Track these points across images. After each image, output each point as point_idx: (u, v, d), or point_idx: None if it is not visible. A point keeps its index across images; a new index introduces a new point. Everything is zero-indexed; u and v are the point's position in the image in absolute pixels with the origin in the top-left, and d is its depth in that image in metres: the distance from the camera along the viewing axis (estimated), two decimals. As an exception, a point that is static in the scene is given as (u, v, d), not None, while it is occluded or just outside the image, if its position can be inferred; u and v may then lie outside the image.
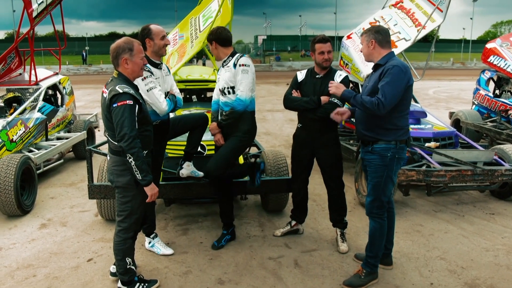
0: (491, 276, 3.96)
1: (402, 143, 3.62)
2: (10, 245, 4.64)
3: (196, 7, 7.33)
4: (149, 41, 3.94)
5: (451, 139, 6.40)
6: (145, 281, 3.72)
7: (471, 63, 49.65)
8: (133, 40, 3.37)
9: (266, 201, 5.39)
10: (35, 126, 6.91)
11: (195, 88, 6.59)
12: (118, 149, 3.29)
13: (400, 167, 3.75)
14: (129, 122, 3.15)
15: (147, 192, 3.34)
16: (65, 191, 6.48)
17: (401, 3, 7.24)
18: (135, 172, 3.22)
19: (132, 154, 3.16)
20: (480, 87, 9.94)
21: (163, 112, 3.92)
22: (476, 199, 6.05)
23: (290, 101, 4.38)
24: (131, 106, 3.17)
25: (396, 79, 3.43)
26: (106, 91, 3.25)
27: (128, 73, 3.35)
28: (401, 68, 3.47)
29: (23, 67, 8.20)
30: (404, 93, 3.49)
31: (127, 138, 3.14)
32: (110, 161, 3.45)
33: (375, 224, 3.77)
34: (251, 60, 4.31)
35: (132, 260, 3.59)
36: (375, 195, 3.71)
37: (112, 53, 3.30)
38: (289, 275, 3.99)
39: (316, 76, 4.33)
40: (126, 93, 3.18)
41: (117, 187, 3.44)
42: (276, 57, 54.47)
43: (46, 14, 7.35)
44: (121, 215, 3.47)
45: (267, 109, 15.44)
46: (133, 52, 3.31)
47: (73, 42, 59.80)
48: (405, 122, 3.64)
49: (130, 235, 3.53)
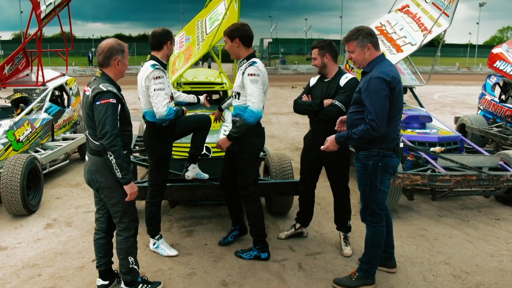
0: (495, 282, 3.95)
1: (389, 150, 3.53)
2: (15, 244, 4.67)
3: (202, 10, 7.36)
4: (170, 44, 4.08)
5: (456, 144, 6.39)
6: (149, 283, 3.71)
7: (477, 68, 49.49)
8: (122, 42, 3.40)
9: (270, 204, 5.40)
10: (41, 126, 6.96)
11: (201, 90, 6.62)
12: (98, 149, 3.27)
13: (388, 175, 3.61)
14: (111, 120, 3.15)
15: (127, 191, 3.31)
16: (70, 191, 6.52)
17: (407, 8, 7.23)
18: (115, 170, 3.20)
19: (113, 152, 3.15)
20: (486, 92, 9.90)
21: (160, 115, 3.91)
22: (481, 204, 6.03)
23: (296, 105, 4.46)
24: (114, 104, 3.18)
25: (376, 93, 3.32)
26: (89, 90, 3.26)
27: (115, 74, 3.37)
28: (381, 79, 3.32)
29: (31, 68, 8.26)
30: (390, 101, 3.37)
31: (108, 136, 3.13)
32: (90, 161, 3.42)
33: (368, 231, 3.76)
34: (262, 64, 4.12)
35: (134, 260, 3.57)
36: (365, 203, 3.70)
37: (104, 53, 3.29)
38: (293, 278, 4.00)
39: (324, 80, 4.36)
40: (109, 91, 3.19)
41: (101, 188, 3.40)
42: (281, 60, 54.50)
43: (54, 15, 7.41)
44: (116, 216, 3.46)
45: (272, 112, 15.46)
46: (124, 54, 3.36)
47: (80, 44, 60.06)
48: (391, 130, 3.47)
49: (131, 233, 3.52)
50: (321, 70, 4.34)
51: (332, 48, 4.25)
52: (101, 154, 3.25)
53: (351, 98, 3.88)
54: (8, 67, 7.60)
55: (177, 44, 6.91)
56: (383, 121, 3.35)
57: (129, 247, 3.53)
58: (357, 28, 3.56)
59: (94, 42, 63.32)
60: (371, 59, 3.52)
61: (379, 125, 3.33)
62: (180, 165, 4.81)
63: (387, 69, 3.42)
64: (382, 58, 3.53)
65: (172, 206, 5.27)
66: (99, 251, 3.65)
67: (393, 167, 3.60)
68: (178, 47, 6.85)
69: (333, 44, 4.29)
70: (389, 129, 3.46)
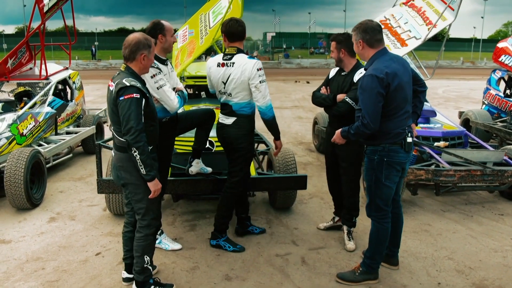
0: (499, 277, 3.94)
1: (395, 145, 3.51)
2: (19, 238, 4.68)
3: (206, 3, 7.32)
4: (162, 37, 3.90)
5: (461, 139, 6.36)
6: (161, 285, 3.61)
7: (481, 62, 49.19)
8: (149, 37, 3.36)
9: (274, 198, 5.39)
10: (45, 120, 6.96)
11: (204, 84, 6.60)
12: (123, 145, 3.24)
13: (395, 171, 3.58)
14: (136, 116, 3.09)
15: (150, 188, 3.27)
16: (73, 185, 6.53)
17: (412, 1, 7.17)
18: (140, 167, 3.16)
19: (137, 148, 3.11)
20: (491, 86, 9.84)
21: (174, 109, 3.88)
22: (485, 199, 6.01)
23: (314, 97, 4.49)
24: (138, 99, 3.12)
25: (367, 91, 3.36)
26: (113, 85, 3.21)
27: (140, 68, 3.32)
28: (373, 76, 3.33)
29: (34, 62, 8.25)
30: (386, 98, 3.37)
31: (133, 132, 3.09)
32: (115, 157, 3.39)
33: (372, 226, 3.77)
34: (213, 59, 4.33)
35: (150, 260, 3.50)
36: (370, 198, 3.70)
37: (131, 47, 3.23)
38: (296, 272, 4.00)
39: (341, 73, 4.36)
40: (133, 86, 3.13)
41: (126, 184, 3.38)
42: (284, 54, 54.34)
43: (57, 9, 7.39)
44: (139, 213, 3.41)
45: (276, 106, 15.33)
46: (150, 50, 3.30)
47: (83, 37, 60.09)
48: (393, 125, 3.47)
49: (151, 231, 3.46)
50: (338, 64, 4.34)
51: (349, 43, 4.19)
52: (126, 150, 3.21)
53: None
54: (12, 61, 7.59)
55: (180, 37, 6.88)
56: (375, 119, 3.37)
57: (147, 245, 3.45)
58: (360, 23, 3.57)
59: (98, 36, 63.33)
60: (370, 55, 3.52)
61: (369, 122, 3.37)
62: (183, 159, 4.80)
63: (382, 65, 3.39)
64: (381, 54, 3.49)
65: (175, 200, 5.28)
66: (126, 244, 3.64)
67: (399, 162, 3.56)
68: (181, 40, 6.82)
69: (350, 39, 4.24)
70: (391, 124, 3.46)
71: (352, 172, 4.36)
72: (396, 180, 3.64)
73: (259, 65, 4.02)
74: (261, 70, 4.03)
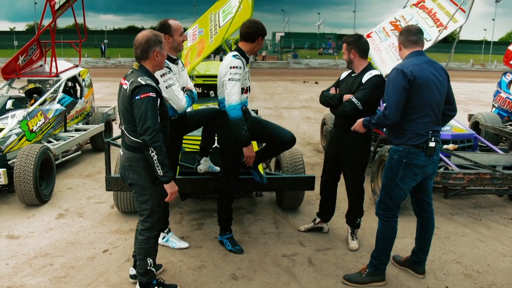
0: (508, 282, 3.90)
1: (416, 148, 3.50)
2: (28, 234, 4.72)
3: (216, 3, 7.34)
4: (169, 37, 3.86)
5: (470, 142, 6.30)
6: (164, 285, 3.58)
7: (491, 65, 48.82)
8: (159, 33, 3.32)
9: (281, 198, 5.39)
10: (54, 117, 7.01)
11: (213, 83, 6.62)
12: (134, 145, 3.19)
13: (411, 174, 3.56)
14: (152, 115, 3.04)
15: (167, 190, 3.19)
16: (82, 182, 6.57)
17: (423, 3, 7.13)
18: (156, 168, 3.08)
19: (155, 148, 3.04)
20: (501, 89, 9.76)
21: (182, 109, 3.89)
22: (494, 203, 5.96)
23: (321, 96, 4.46)
24: (153, 98, 3.06)
25: (392, 84, 3.47)
26: (127, 83, 3.13)
27: (154, 66, 3.27)
28: (398, 70, 3.45)
29: (44, 59, 8.32)
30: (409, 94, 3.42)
31: (151, 131, 3.02)
32: (123, 157, 3.34)
33: (379, 225, 3.78)
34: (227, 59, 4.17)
35: (153, 262, 3.46)
36: (382, 196, 3.72)
37: (142, 46, 3.17)
38: (303, 273, 3.99)
39: (352, 75, 4.33)
40: (149, 85, 3.08)
41: (133, 185, 3.33)
42: (293, 54, 54.28)
43: (68, 6, 7.45)
44: (142, 214, 3.36)
45: (284, 107, 15.40)
46: (162, 45, 3.25)
47: (92, 35, 60.37)
48: (414, 126, 3.49)
49: (153, 234, 3.41)
50: (348, 65, 4.31)
51: (359, 44, 4.16)
52: (136, 150, 3.17)
53: (370, 95, 3.97)
54: (22, 58, 7.67)
55: (190, 36, 6.90)
56: (396, 111, 3.45)
57: (149, 248, 3.41)
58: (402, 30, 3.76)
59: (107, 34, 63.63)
60: (405, 55, 3.62)
61: (390, 114, 3.46)
62: (191, 158, 4.81)
63: (410, 63, 3.49)
64: (414, 55, 3.57)
65: (183, 199, 5.29)
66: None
67: (418, 166, 3.54)
68: (191, 39, 6.84)
69: (361, 40, 4.19)
70: (412, 125, 3.50)
71: (357, 176, 4.35)
72: (411, 184, 3.63)
73: (233, 63, 3.91)
74: (234, 68, 3.89)
